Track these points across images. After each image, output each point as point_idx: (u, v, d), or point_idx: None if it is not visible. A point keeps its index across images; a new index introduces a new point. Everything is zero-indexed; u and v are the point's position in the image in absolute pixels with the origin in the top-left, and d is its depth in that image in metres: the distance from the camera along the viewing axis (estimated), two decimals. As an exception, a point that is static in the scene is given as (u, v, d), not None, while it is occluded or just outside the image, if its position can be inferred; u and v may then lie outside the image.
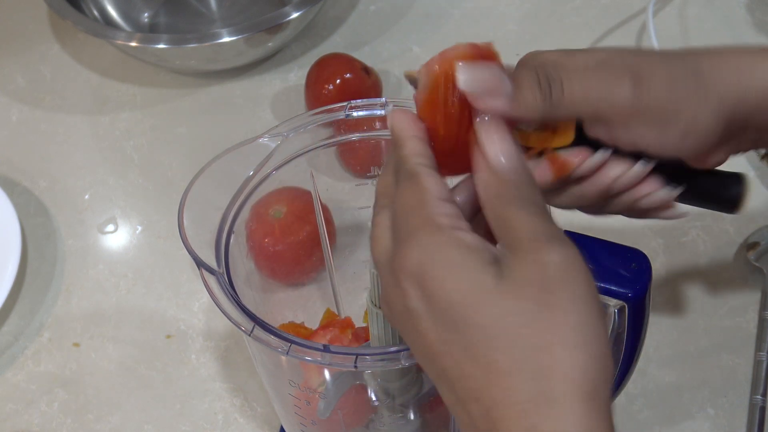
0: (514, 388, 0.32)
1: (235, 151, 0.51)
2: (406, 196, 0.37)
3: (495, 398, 0.32)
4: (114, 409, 0.66)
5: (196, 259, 0.46)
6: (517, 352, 0.32)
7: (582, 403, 0.32)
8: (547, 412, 0.31)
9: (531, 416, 0.32)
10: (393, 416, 0.53)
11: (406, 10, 0.94)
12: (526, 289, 0.33)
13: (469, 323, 0.33)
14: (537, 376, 0.32)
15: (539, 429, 0.31)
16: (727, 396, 0.64)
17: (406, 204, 0.37)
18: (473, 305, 0.33)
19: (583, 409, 0.31)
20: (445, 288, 0.34)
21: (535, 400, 0.32)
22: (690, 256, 0.71)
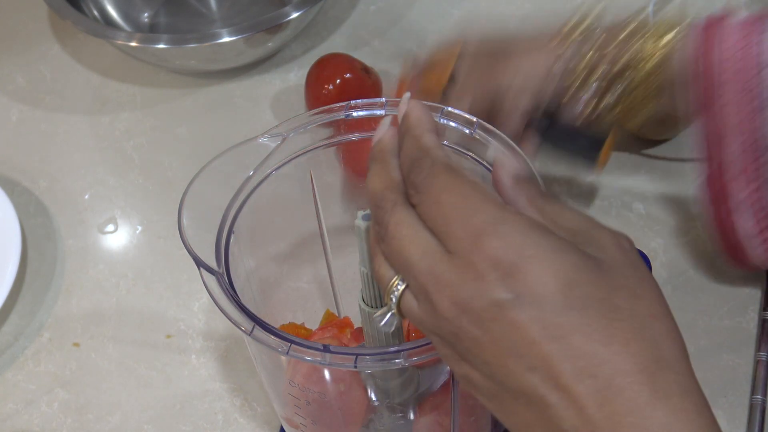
0: (641, 354, 0.32)
1: (235, 151, 0.51)
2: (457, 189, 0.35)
3: (617, 368, 0.32)
4: (114, 409, 0.66)
5: (196, 259, 0.46)
6: (635, 321, 0.33)
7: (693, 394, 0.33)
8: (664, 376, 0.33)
9: (655, 379, 0.32)
10: (392, 416, 0.53)
11: (406, 10, 0.94)
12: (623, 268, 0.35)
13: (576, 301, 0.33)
14: (652, 344, 0.33)
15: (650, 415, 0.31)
16: (727, 396, 0.64)
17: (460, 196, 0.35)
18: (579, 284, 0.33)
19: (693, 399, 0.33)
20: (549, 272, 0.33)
21: (651, 367, 0.32)
22: (690, 256, 0.71)
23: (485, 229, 0.33)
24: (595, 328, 0.32)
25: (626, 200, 0.75)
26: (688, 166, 0.77)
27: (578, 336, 0.32)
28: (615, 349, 0.32)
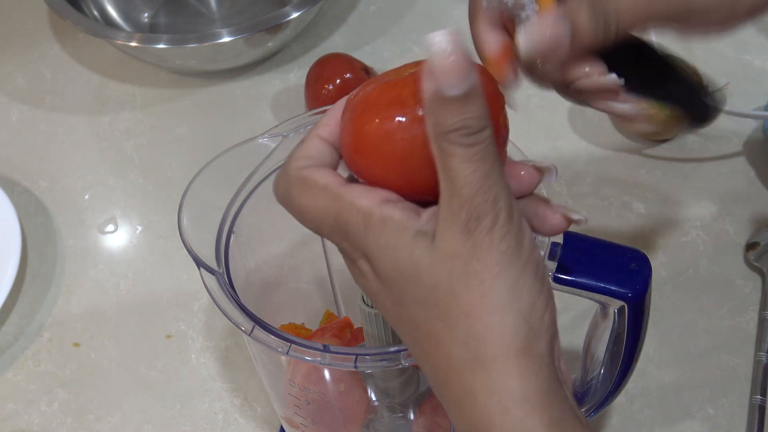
0: (451, 354, 0.34)
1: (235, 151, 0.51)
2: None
3: (438, 363, 0.34)
4: (114, 409, 0.66)
5: (196, 259, 0.46)
6: (451, 320, 0.34)
7: (513, 360, 0.33)
8: (481, 375, 0.33)
9: (467, 380, 0.33)
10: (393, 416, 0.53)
11: (406, 10, 0.94)
12: (455, 260, 0.34)
13: (409, 297, 0.35)
14: (468, 341, 0.33)
15: (475, 391, 0.33)
16: (727, 396, 0.64)
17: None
18: (410, 280, 0.35)
19: (514, 367, 0.33)
20: (385, 267, 0.35)
21: (470, 364, 0.33)
22: (690, 256, 0.71)
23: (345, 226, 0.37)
24: (418, 324, 0.35)
25: (626, 200, 0.75)
26: (688, 166, 0.77)
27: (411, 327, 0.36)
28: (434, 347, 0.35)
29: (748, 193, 0.75)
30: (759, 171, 0.76)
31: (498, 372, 0.33)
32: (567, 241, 0.45)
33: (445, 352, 0.34)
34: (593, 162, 0.78)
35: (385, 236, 0.35)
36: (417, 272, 0.34)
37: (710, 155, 0.78)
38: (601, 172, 0.77)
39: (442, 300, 0.34)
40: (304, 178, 0.38)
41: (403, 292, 0.35)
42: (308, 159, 0.38)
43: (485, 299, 0.33)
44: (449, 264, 0.34)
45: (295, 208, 0.38)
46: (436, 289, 0.34)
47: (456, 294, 0.34)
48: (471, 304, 0.33)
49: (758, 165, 0.77)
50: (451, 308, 0.34)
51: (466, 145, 0.33)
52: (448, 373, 0.34)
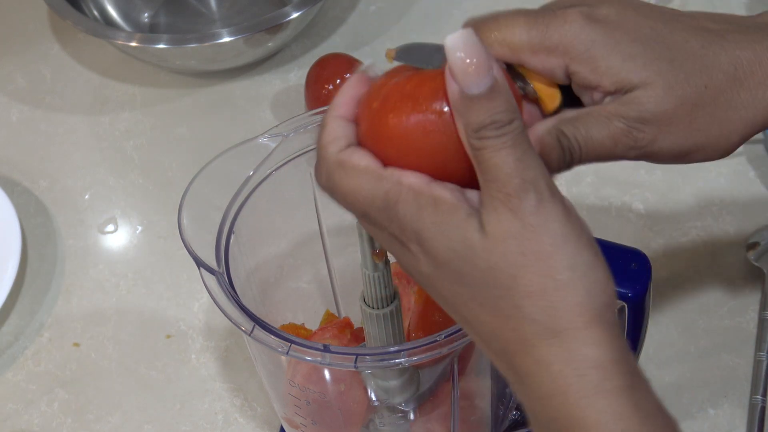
0: (520, 329, 0.34)
1: (235, 151, 0.51)
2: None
3: (507, 338, 0.35)
4: (114, 409, 0.66)
5: (196, 259, 0.46)
6: (515, 299, 0.34)
7: (584, 330, 0.34)
8: (555, 346, 0.34)
9: (540, 350, 0.34)
10: (393, 416, 0.53)
11: (406, 10, 0.94)
12: (508, 242, 0.34)
13: (467, 277, 0.35)
14: (537, 317, 0.34)
15: (549, 360, 0.34)
16: (727, 396, 0.64)
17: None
18: (466, 261, 0.35)
19: (585, 335, 0.34)
20: (439, 248, 0.35)
21: (542, 336, 0.34)
22: (690, 256, 0.71)
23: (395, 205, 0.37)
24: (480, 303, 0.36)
25: (626, 200, 0.75)
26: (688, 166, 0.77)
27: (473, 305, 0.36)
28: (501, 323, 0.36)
29: (748, 193, 0.75)
30: (759, 171, 0.76)
31: (571, 342, 0.34)
32: (567, 241, 0.45)
33: (515, 327, 0.35)
34: (593, 162, 0.78)
35: (439, 216, 0.35)
36: (473, 253, 0.35)
37: (710, 155, 0.78)
38: (601, 172, 0.77)
39: (502, 281, 0.34)
40: (342, 161, 0.38)
41: (461, 273, 0.35)
42: (339, 140, 0.38)
43: (547, 279, 0.34)
44: (501, 246, 0.34)
45: (339, 194, 0.38)
46: (494, 270, 0.35)
47: (515, 275, 0.34)
48: (533, 284, 0.34)
49: (758, 165, 0.77)
50: (512, 288, 0.34)
51: (496, 137, 0.34)
52: (518, 346, 0.35)
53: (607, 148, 0.41)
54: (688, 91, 0.40)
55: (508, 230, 0.34)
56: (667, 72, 0.40)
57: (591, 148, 0.40)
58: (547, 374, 0.34)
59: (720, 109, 0.41)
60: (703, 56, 0.41)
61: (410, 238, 0.36)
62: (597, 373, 0.34)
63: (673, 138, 0.41)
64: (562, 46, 0.41)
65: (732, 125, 0.42)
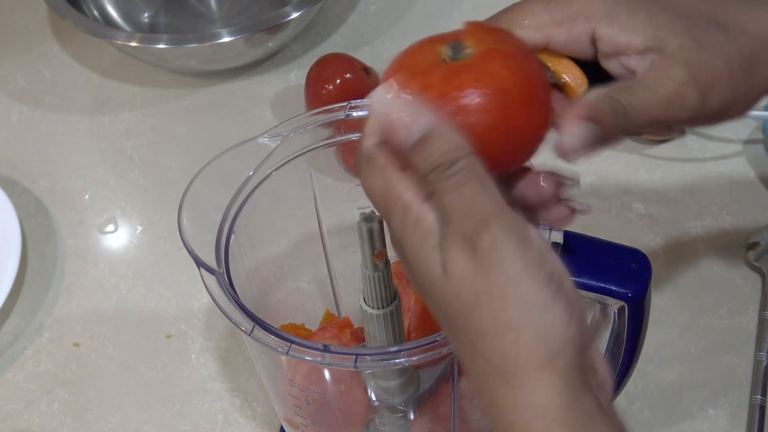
0: (477, 365, 0.35)
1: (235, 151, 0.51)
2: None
3: (470, 370, 0.35)
4: (114, 409, 0.66)
5: (196, 259, 0.46)
6: (468, 337, 0.34)
7: (534, 376, 0.33)
8: (505, 388, 0.34)
9: (493, 390, 0.34)
10: (393, 416, 0.53)
11: (406, 10, 0.94)
12: (463, 282, 0.34)
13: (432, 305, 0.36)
14: (489, 356, 0.34)
15: (500, 402, 0.34)
16: (727, 396, 0.64)
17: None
18: (428, 292, 0.36)
19: (535, 382, 0.33)
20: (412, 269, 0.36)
21: (494, 377, 0.34)
22: (690, 256, 0.71)
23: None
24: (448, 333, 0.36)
25: (626, 200, 0.75)
26: (688, 166, 0.77)
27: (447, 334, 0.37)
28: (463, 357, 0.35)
29: (748, 193, 0.75)
30: (759, 171, 0.76)
31: (519, 387, 0.33)
32: (567, 241, 0.45)
33: (473, 361, 0.35)
34: (593, 162, 0.78)
35: (415, 237, 0.36)
36: (433, 287, 0.35)
37: (710, 155, 0.78)
38: (601, 172, 0.77)
39: (458, 317, 0.34)
40: (369, 156, 0.38)
41: (429, 297, 0.36)
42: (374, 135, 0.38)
43: (498, 319, 0.33)
44: (456, 285, 0.34)
45: (363, 184, 0.39)
46: (451, 306, 0.35)
47: (468, 314, 0.34)
48: (485, 324, 0.34)
49: (758, 165, 0.77)
50: (466, 326, 0.34)
51: (444, 180, 0.35)
52: (478, 380, 0.35)
53: (661, 109, 0.41)
54: (717, 44, 0.41)
55: (462, 271, 0.34)
56: (694, 26, 0.41)
57: (647, 110, 0.40)
58: (497, 416, 0.34)
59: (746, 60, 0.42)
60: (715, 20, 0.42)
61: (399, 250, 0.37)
62: (542, 422, 0.33)
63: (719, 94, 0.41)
64: (585, 11, 0.41)
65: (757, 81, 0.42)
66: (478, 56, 0.39)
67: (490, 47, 0.39)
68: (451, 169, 0.35)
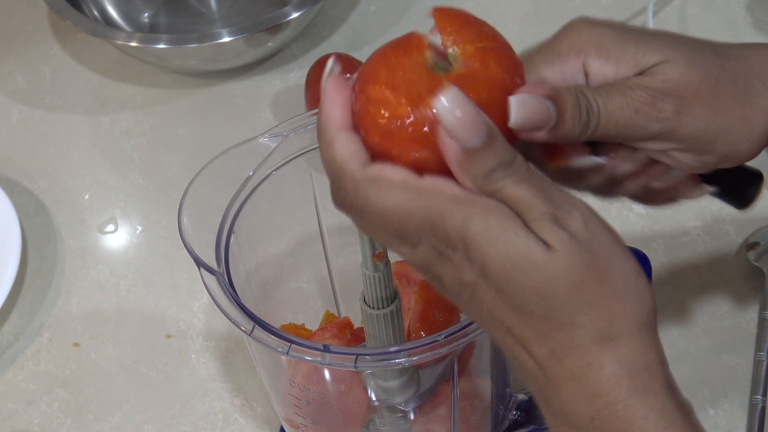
0: (574, 334, 0.36)
1: (235, 151, 0.51)
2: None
3: (556, 342, 0.36)
4: (114, 409, 0.66)
5: (196, 259, 0.46)
6: (573, 308, 0.35)
7: (637, 335, 0.36)
8: (609, 349, 0.36)
9: (594, 354, 0.36)
10: (393, 416, 0.53)
11: (406, 10, 0.94)
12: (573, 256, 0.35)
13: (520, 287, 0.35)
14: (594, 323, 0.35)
15: (603, 363, 0.35)
16: (727, 396, 0.64)
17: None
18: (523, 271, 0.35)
19: (638, 340, 0.36)
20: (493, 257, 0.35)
21: (597, 341, 0.36)
22: (690, 256, 0.71)
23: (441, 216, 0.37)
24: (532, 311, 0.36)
25: (626, 200, 0.75)
26: (688, 166, 0.77)
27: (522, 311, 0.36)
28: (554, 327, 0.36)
29: (748, 193, 0.75)
30: (759, 171, 0.76)
31: (625, 346, 0.36)
32: (567, 241, 0.45)
33: (568, 332, 0.36)
34: (593, 162, 0.78)
35: (493, 224, 0.35)
36: (532, 264, 0.35)
37: (710, 155, 0.78)
38: (601, 172, 0.77)
39: (561, 292, 0.35)
40: (375, 177, 0.36)
41: (514, 282, 0.35)
42: (358, 155, 0.37)
43: (607, 288, 0.35)
44: (566, 259, 0.35)
45: (374, 213, 0.36)
46: (555, 281, 0.35)
47: (579, 287, 0.35)
48: (595, 294, 0.35)
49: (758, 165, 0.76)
50: (572, 298, 0.35)
51: (509, 175, 0.35)
52: (568, 350, 0.36)
53: (628, 116, 0.41)
54: (708, 69, 0.41)
55: (567, 246, 0.35)
56: (684, 51, 0.41)
57: (610, 113, 0.40)
58: (597, 376, 0.36)
59: (740, 92, 0.42)
60: (712, 46, 0.42)
61: (456, 247, 0.36)
62: (646, 374, 0.36)
63: (698, 115, 0.41)
64: (575, 48, 0.42)
65: (754, 113, 0.42)
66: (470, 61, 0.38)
67: (476, 47, 0.39)
68: (514, 165, 0.36)
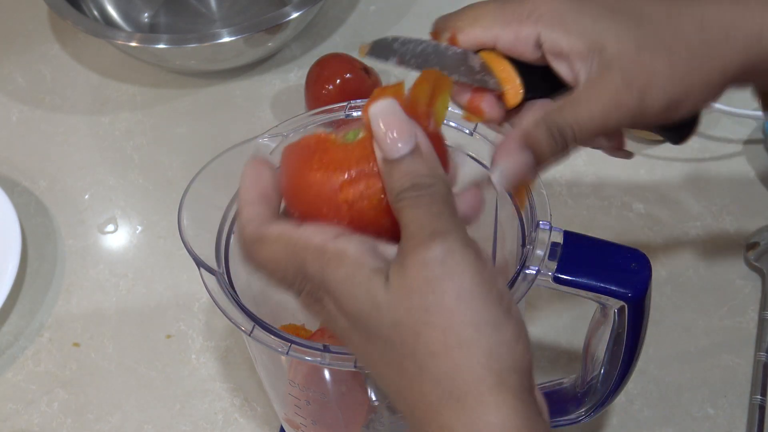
0: (425, 392, 0.33)
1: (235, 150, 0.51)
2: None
3: (413, 400, 0.34)
4: (114, 409, 0.66)
5: (196, 259, 0.46)
6: (418, 358, 0.33)
7: (488, 396, 0.32)
8: (458, 411, 0.32)
9: (444, 416, 0.33)
10: (393, 416, 0.53)
11: (406, 10, 0.94)
12: (412, 296, 0.33)
13: (373, 334, 0.34)
14: (440, 378, 0.33)
15: (453, 427, 0.32)
16: (727, 396, 0.64)
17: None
18: (372, 318, 0.34)
19: (488, 401, 0.32)
20: (347, 303, 0.35)
21: (446, 401, 0.33)
22: (690, 256, 0.71)
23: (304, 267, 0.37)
24: (388, 361, 0.35)
25: (626, 200, 0.75)
26: (688, 166, 0.77)
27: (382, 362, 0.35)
28: (407, 384, 0.34)
29: (748, 193, 0.75)
30: (759, 171, 0.76)
31: (474, 408, 0.32)
32: (567, 241, 0.45)
33: (420, 390, 0.34)
34: (593, 162, 0.78)
35: (343, 270, 0.35)
36: (377, 309, 0.34)
37: (710, 155, 0.78)
38: (600, 172, 0.77)
39: (406, 338, 0.33)
40: (259, 236, 0.38)
41: (368, 330, 0.35)
42: (254, 220, 0.39)
43: (449, 336, 0.33)
44: (406, 301, 0.33)
45: (259, 267, 0.39)
46: (399, 326, 0.33)
47: (418, 332, 0.33)
48: (435, 342, 0.33)
49: (758, 165, 0.77)
50: (416, 346, 0.33)
51: (415, 197, 0.35)
52: (424, 410, 0.34)
53: (601, 121, 0.41)
54: (661, 42, 0.41)
55: (412, 284, 0.33)
56: (637, 27, 0.41)
57: (585, 125, 0.41)
58: None
59: (695, 57, 0.42)
60: (669, 14, 0.42)
61: (324, 294, 0.36)
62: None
63: (660, 88, 0.41)
64: (535, 14, 0.42)
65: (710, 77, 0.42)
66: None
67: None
68: (426, 190, 0.35)
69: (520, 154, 0.40)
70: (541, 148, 0.40)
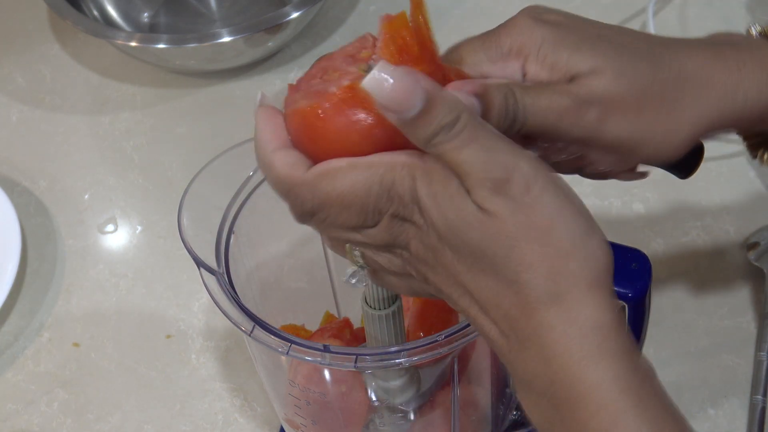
0: (523, 293, 0.35)
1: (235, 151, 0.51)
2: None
3: (510, 302, 0.35)
4: (114, 409, 0.66)
5: (196, 259, 0.46)
6: (513, 269, 0.35)
7: (586, 293, 0.35)
8: (557, 308, 0.35)
9: (543, 313, 0.35)
10: (393, 416, 0.53)
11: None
12: (506, 221, 0.35)
13: (466, 245, 0.36)
14: (540, 283, 0.35)
15: (553, 322, 0.35)
16: (727, 396, 0.64)
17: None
18: (460, 231, 0.35)
19: (587, 298, 0.35)
20: (437, 218, 0.36)
21: (545, 300, 0.35)
22: (690, 256, 0.71)
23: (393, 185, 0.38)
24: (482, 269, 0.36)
25: (626, 200, 0.75)
26: (688, 166, 0.77)
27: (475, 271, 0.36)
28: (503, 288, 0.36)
29: (748, 193, 0.75)
30: (759, 171, 0.76)
31: (573, 304, 0.35)
32: (567, 241, 0.45)
33: (516, 291, 0.35)
34: (593, 162, 0.78)
35: (433, 186, 0.36)
36: (467, 225, 0.35)
37: (710, 155, 0.78)
38: (601, 172, 0.77)
39: (500, 250, 0.35)
40: (325, 171, 0.38)
41: (460, 241, 0.36)
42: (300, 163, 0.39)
43: (547, 248, 0.35)
44: (499, 223, 0.35)
45: (334, 202, 0.38)
46: (490, 240, 0.35)
47: (513, 247, 0.35)
48: (534, 253, 0.35)
49: (758, 165, 0.77)
50: (510, 257, 0.35)
51: (451, 139, 0.35)
52: (520, 310, 0.35)
53: (552, 120, 0.41)
54: (637, 80, 0.41)
55: (503, 210, 0.35)
56: (615, 61, 0.41)
57: (534, 114, 0.41)
58: (549, 337, 0.35)
59: (667, 104, 0.42)
60: (650, 54, 0.42)
61: (413, 211, 0.37)
62: (598, 334, 0.35)
63: (620, 124, 0.41)
64: (516, 48, 0.42)
65: (678, 124, 0.42)
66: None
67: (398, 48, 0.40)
68: (457, 126, 0.35)
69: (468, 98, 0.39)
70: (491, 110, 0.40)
